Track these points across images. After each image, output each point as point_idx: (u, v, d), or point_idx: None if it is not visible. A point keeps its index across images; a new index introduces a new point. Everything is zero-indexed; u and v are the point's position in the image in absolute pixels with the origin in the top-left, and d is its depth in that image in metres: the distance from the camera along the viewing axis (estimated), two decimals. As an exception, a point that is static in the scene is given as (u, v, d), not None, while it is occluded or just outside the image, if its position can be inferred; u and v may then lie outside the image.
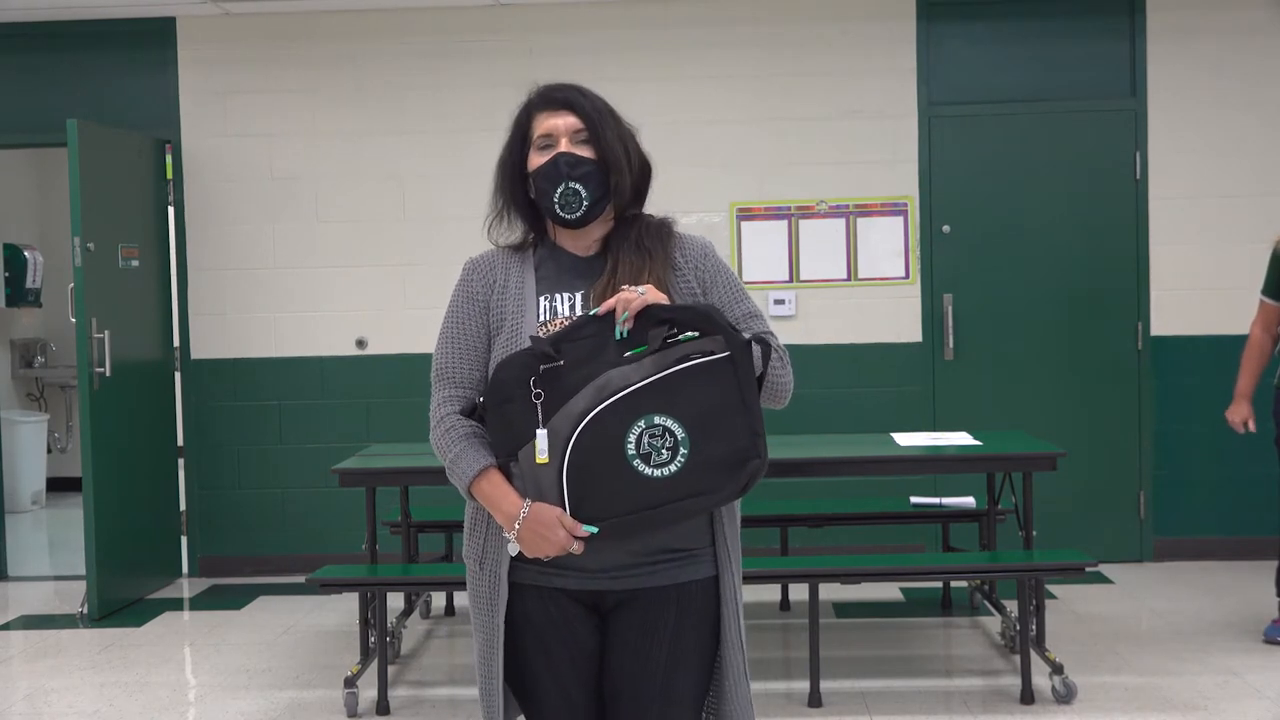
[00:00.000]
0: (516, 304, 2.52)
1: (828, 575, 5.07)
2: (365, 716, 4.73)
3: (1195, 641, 5.36)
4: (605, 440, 2.32)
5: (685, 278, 2.54)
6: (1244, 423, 5.29)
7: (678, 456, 2.33)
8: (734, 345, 2.36)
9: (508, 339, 2.49)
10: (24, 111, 7.00)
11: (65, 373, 9.39)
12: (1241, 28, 6.69)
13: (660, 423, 2.32)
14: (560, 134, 2.52)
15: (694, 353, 2.35)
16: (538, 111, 2.57)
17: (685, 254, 2.56)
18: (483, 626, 2.50)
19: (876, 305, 6.79)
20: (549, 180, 2.50)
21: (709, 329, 2.36)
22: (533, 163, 2.54)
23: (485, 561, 2.50)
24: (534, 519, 2.37)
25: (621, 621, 2.48)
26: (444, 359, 2.55)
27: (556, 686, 2.48)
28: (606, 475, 2.33)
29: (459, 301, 2.58)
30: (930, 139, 6.76)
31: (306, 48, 6.90)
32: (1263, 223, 6.42)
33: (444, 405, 2.53)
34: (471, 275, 2.60)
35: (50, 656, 5.62)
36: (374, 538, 5.20)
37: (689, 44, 6.78)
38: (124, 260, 6.55)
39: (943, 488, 6.37)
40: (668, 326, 2.36)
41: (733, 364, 2.36)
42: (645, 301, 2.36)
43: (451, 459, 2.48)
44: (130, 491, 6.48)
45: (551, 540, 2.37)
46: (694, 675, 2.49)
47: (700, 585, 2.49)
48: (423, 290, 6.83)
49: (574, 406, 2.33)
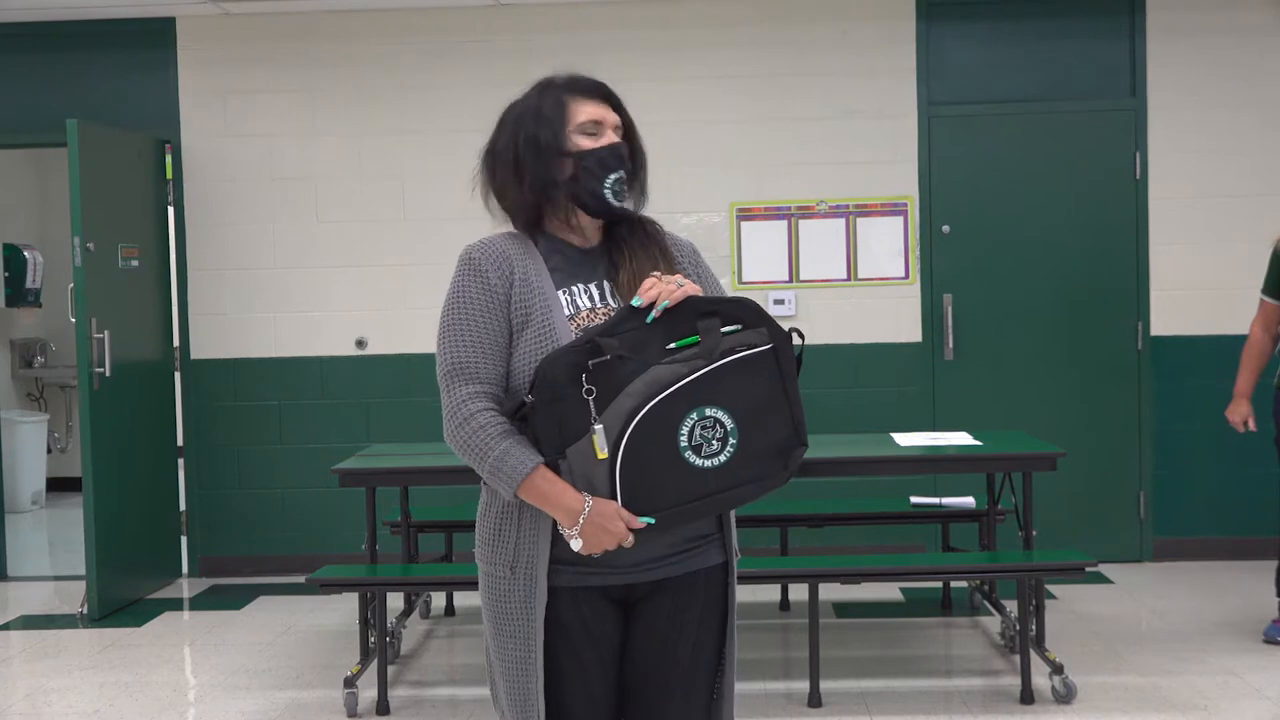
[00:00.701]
0: (541, 299, 2.47)
1: (828, 575, 5.07)
2: (365, 716, 4.73)
3: (1195, 641, 5.36)
4: (659, 433, 2.33)
5: (684, 269, 2.60)
6: (1244, 422, 5.29)
7: (727, 447, 2.36)
8: (777, 337, 2.41)
9: (539, 335, 2.44)
10: (24, 111, 7.00)
11: (65, 373, 9.39)
12: (1241, 28, 6.69)
13: (712, 414, 2.35)
14: (608, 125, 2.55)
15: (739, 345, 2.38)
16: (572, 95, 2.55)
17: (679, 249, 2.64)
18: (516, 632, 2.46)
19: (876, 305, 6.79)
20: (605, 166, 2.50)
21: (754, 321, 2.40)
22: (581, 144, 2.52)
23: (519, 565, 2.45)
24: (596, 513, 2.36)
25: (649, 611, 2.50)
26: (461, 354, 2.46)
27: (583, 688, 2.48)
28: (659, 468, 2.34)
29: (473, 294, 2.50)
30: (930, 139, 6.76)
31: (306, 48, 6.90)
32: (1263, 223, 6.42)
33: (471, 401, 2.43)
34: (485, 266, 2.51)
35: (50, 656, 5.62)
36: (374, 538, 5.20)
37: (689, 44, 6.78)
38: (124, 260, 6.55)
39: (943, 488, 6.37)
40: (715, 318, 2.39)
41: (776, 355, 2.40)
42: (685, 293, 2.37)
43: (496, 457, 2.39)
44: (130, 491, 6.48)
45: (612, 533, 2.36)
46: (712, 659, 2.55)
47: (715, 571, 2.54)
48: (423, 290, 6.83)
49: (624, 403, 2.32)
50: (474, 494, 2.67)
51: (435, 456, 5.31)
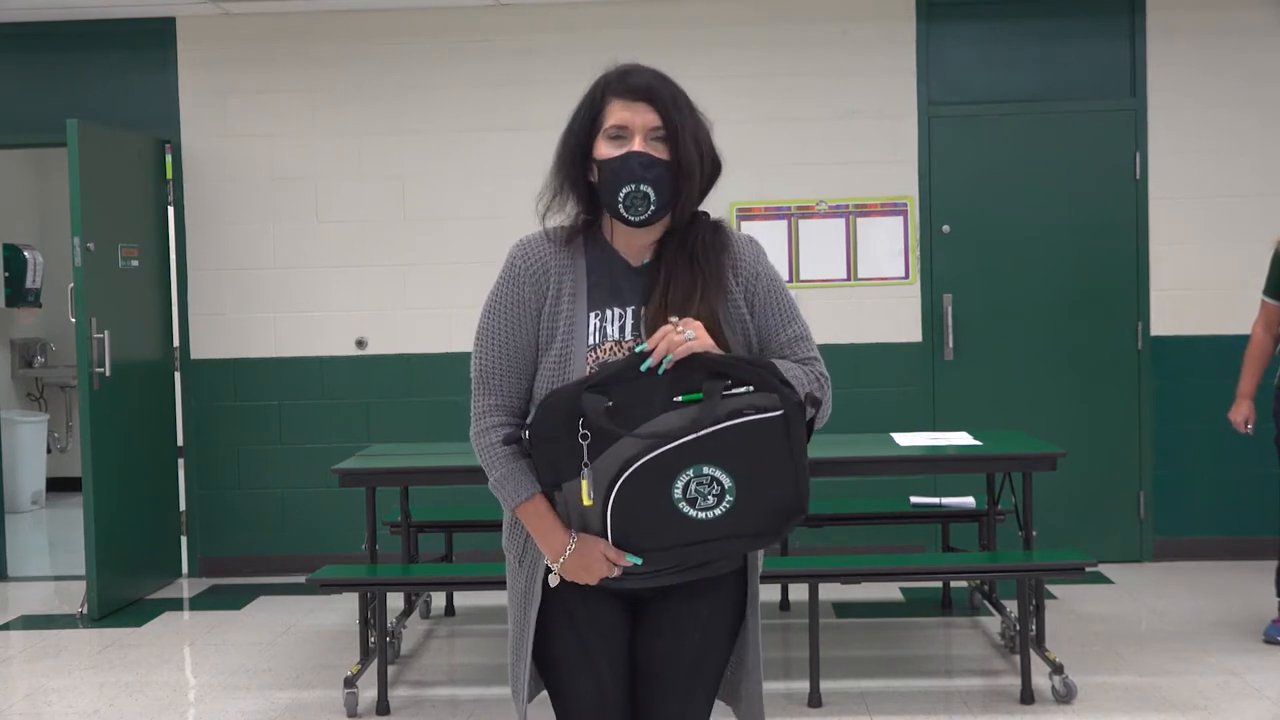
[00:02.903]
0: (568, 321, 2.42)
1: (828, 575, 5.08)
2: (365, 716, 4.73)
3: (1195, 641, 5.36)
4: (652, 485, 2.30)
5: (735, 302, 2.47)
6: (1245, 422, 5.29)
7: (723, 503, 2.32)
8: (788, 405, 2.32)
9: (556, 359, 2.42)
10: (24, 111, 7.00)
11: (65, 373, 9.39)
12: (1241, 28, 6.69)
13: (709, 473, 2.30)
14: (636, 130, 2.41)
15: (747, 408, 2.30)
16: (614, 96, 2.43)
17: (737, 272, 2.47)
18: (516, 618, 2.54)
19: (876, 305, 6.79)
20: (618, 178, 2.38)
21: (764, 386, 2.32)
22: (602, 151, 2.42)
23: (524, 560, 2.52)
24: (579, 553, 2.39)
25: (655, 610, 2.52)
26: (489, 363, 2.46)
27: (590, 674, 2.50)
28: (651, 516, 2.32)
29: (508, 303, 2.45)
30: (930, 139, 6.76)
31: (306, 48, 6.90)
32: (1263, 223, 6.42)
33: (487, 416, 2.46)
34: (523, 276, 2.45)
35: (50, 656, 5.62)
36: (374, 538, 5.20)
37: (689, 44, 6.77)
38: (124, 260, 6.55)
39: (943, 488, 6.37)
40: (723, 380, 2.30)
41: (785, 422, 2.32)
42: (690, 349, 2.30)
43: (498, 478, 2.45)
44: (130, 491, 6.47)
45: (594, 571, 2.40)
46: (722, 655, 2.56)
47: (730, 577, 2.53)
48: (423, 290, 6.83)
49: (623, 450, 2.29)
50: (474, 494, 2.70)
51: (435, 456, 5.32)
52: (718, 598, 2.52)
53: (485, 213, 6.72)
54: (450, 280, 6.77)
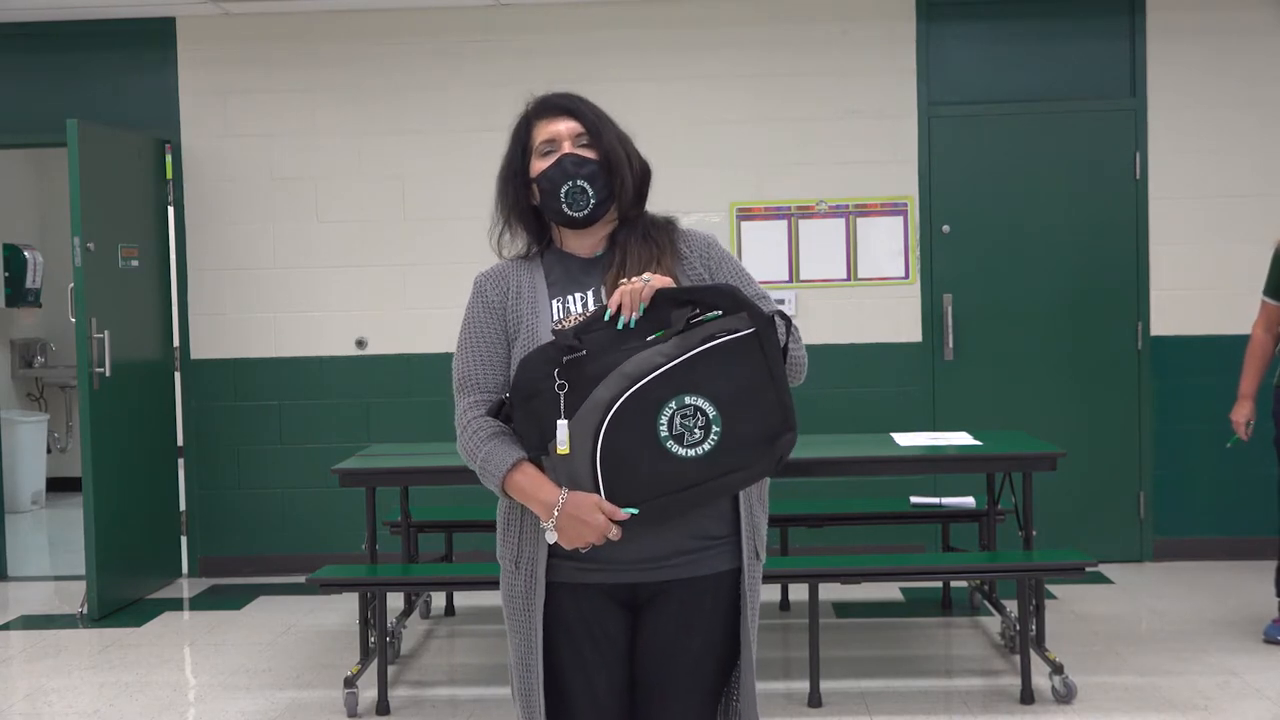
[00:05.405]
0: (531, 307, 2.54)
1: (828, 575, 5.08)
2: (365, 716, 4.73)
3: (1195, 641, 5.36)
4: (637, 425, 2.32)
5: (692, 265, 2.58)
6: (1245, 423, 5.30)
7: (710, 435, 2.33)
8: (759, 321, 2.37)
9: (525, 341, 2.50)
10: (24, 111, 6.99)
11: (65, 373, 9.38)
12: (1241, 28, 6.69)
13: (691, 403, 2.33)
14: (563, 138, 2.58)
15: (719, 331, 2.35)
16: (537, 120, 2.62)
17: (690, 245, 2.62)
18: (519, 628, 2.51)
19: (876, 305, 6.79)
20: (555, 180, 2.55)
21: (732, 306, 2.37)
22: (536, 168, 2.59)
23: (521, 561, 2.51)
24: (572, 505, 2.38)
25: (655, 615, 2.51)
26: (465, 367, 2.56)
27: (584, 684, 2.50)
28: (640, 459, 2.33)
29: (475, 311, 2.60)
30: (930, 139, 6.76)
31: (306, 48, 6.90)
32: (1263, 223, 6.42)
33: (470, 409, 2.54)
34: (485, 285, 2.62)
35: (50, 656, 5.62)
36: (374, 538, 5.20)
37: (689, 44, 6.77)
38: (124, 260, 6.55)
39: (943, 488, 6.37)
40: (690, 307, 2.37)
41: (759, 339, 2.36)
42: (653, 288, 2.37)
43: (482, 458, 2.48)
44: (130, 491, 6.48)
45: (591, 525, 2.37)
46: (722, 664, 2.55)
47: (727, 576, 2.52)
48: (423, 290, 6.83)
49: (601, 395, 2.33)
50: (474, 494, 2.70)
51: (435, 456, 5.32)
52: (717, 597, 2.51)
53: (485, 213, 6.70)
54: (450, 280, 6.76)
